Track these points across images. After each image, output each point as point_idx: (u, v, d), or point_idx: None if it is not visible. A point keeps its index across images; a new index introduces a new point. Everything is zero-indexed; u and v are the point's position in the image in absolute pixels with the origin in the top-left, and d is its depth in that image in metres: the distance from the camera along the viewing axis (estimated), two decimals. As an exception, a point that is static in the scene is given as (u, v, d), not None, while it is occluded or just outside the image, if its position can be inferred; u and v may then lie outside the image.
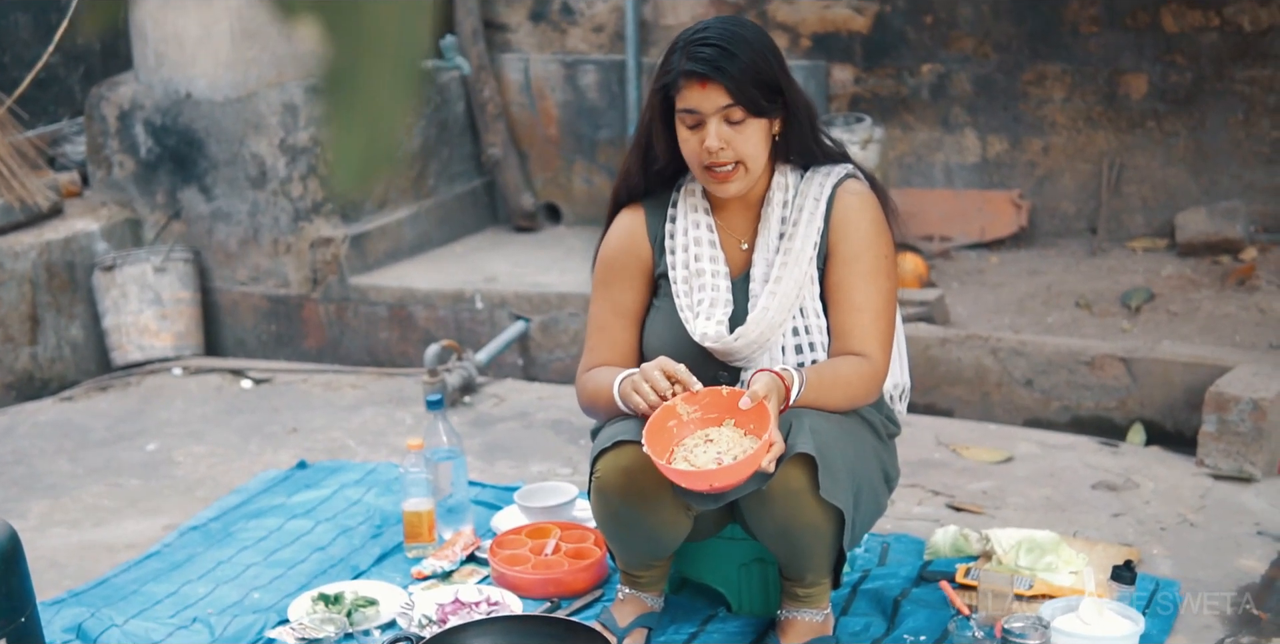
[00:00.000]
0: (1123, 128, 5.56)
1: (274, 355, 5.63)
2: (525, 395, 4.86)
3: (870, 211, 2.95)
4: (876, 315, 2.91)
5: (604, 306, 3.05)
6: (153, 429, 4.68)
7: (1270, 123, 5.37)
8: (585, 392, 2.99)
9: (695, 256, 2.95)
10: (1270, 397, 4.00)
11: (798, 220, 2.92)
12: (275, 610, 3.28)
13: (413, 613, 3.19)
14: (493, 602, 3.22)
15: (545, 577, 3.30)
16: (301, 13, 0.78)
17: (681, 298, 2.95)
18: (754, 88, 2.79)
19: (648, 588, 3.06)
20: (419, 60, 0.78)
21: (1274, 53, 5.30)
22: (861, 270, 2.91)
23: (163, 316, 5.44)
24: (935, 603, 3.21)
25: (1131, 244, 5.54)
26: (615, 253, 3.05)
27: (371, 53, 0.75)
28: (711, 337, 2.89)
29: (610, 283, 3.05)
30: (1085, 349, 4.58)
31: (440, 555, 3.48)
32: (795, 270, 2.90)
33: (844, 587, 3.24)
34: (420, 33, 0.77)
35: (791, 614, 3.00)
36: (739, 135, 2.82)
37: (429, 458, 3.56)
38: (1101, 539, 3.55)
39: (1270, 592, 3.33)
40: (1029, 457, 4.15)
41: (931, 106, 5.77)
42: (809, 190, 2.94)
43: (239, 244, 5.60)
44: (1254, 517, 3.72)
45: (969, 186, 5.76)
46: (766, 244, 2.95)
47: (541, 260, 5.79)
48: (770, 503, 2.75)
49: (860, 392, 2.89)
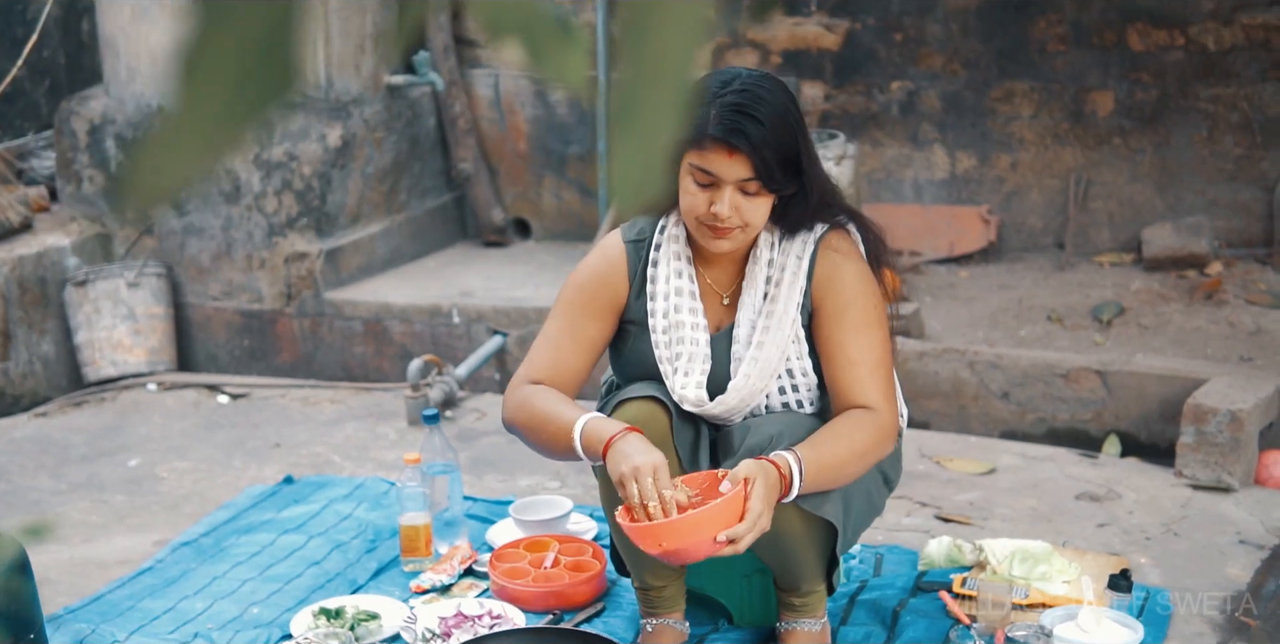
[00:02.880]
0: (1089, 144, 5.65)
1: (247, 371, 5.62)
2: (506, 410, 4.87)
3: (853, 263, 2.88)
4: (874, 366, 2.85)
5: (562, 326, 2.93)
6: (133, 445, 4.66)
7: (1233, 140, 5.48)
8: (524, 410, 2.85)
9: (675, 307, 2.89)
10: (1247, 408, 4.08)
11: (780, 281, 2.86)
12: (277, 625, 3.28)
13: (416, 627, 3.20)
14: (495, 615, 3.23)
15: (547, 589, 3.32)
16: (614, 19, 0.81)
17: (661, 349, 2.89)
18: (778, 166, 2.71)
19: (671, 609, 3.05)
20: (690, 80, 0.80)
21: (1237, 71, 5.41)
22: (850, 324, 2.86)
23: (136, 332, 5.41)
24: (933, 613, 3.26)
25: (1098, 259, 5.63)
26: (590, 281, 2.95)
27: (659, 75, 0.78)
28: (691, 401, 2.85)
29: (576, 305, 2.94)
30: (1061, 362, 4.66)
31: (438, 569, 3.49)
32: (778, 334, 2.85)
33: (842, 598, 3.28)
34: (694, 53, 0.80)
35: (790, 625, 3.03)
36: (749, 204, 2.74)
37: (425, 472, 3.57)
38: (1089, 549, 3.61)
39: (1258, 599, 3.40)
40: (1011, 468, 4.21)
41: (901, 123, 5.85)
42: (792, 248, 2.88)
43: (211, 259, 5.59)
44: (1235, 526, 3.80)
45: (938, 202, 5.84)
46: (751, 303, 2.89)
47: (515, 275, 5.82)
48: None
49: (872, 446, 2.80)
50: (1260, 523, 3.82)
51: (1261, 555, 3.63)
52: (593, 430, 2.71)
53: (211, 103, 0.67)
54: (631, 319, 2.94)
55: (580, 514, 3.76)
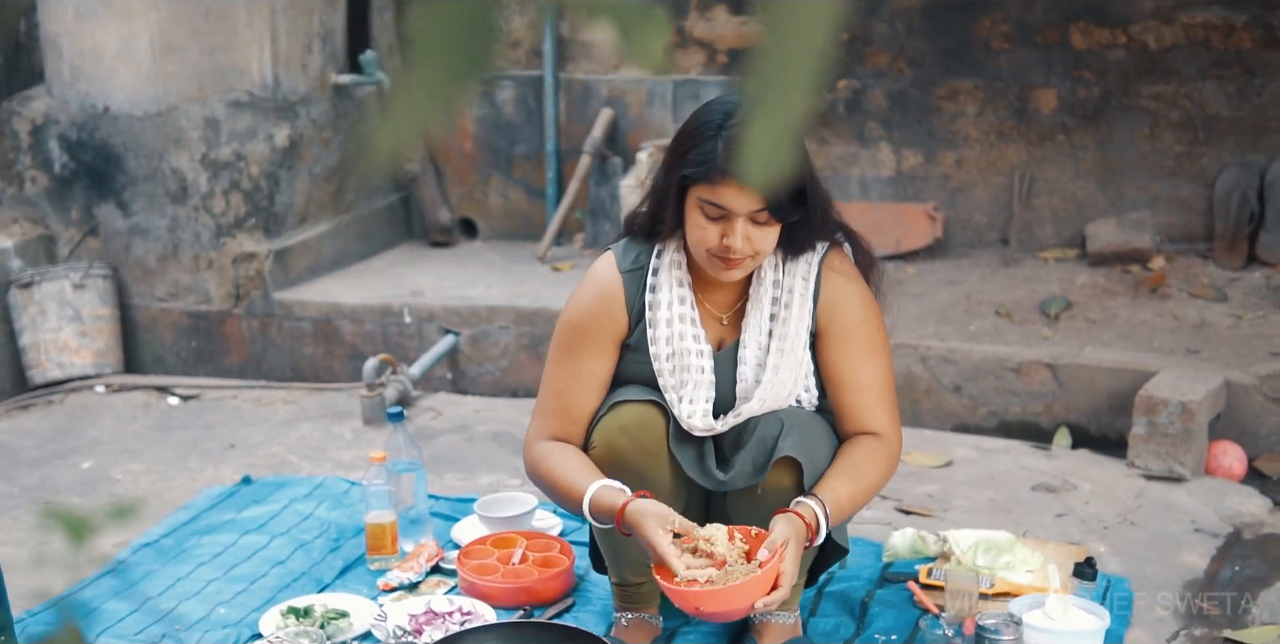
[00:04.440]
0: (1033, 141, 5.72)
1: (194, 372, 5.57)
2: (461, 408, 4.87)
3: (856, 286, 2.90)
4: (881, 391, 2.90)
5: (565, 371, 2.91)
6: (85, 447, 4.62)
7: (1174, 137, 5.56)
8: (540, 471, 2.87)
9: (680, 334, 2.88)
10: (1198, 399, 4.15)
11: (790, 303, 2.86)
12: (246, 625, 3.27)
13: (386, 624, 3.19)
14: (465, 611, 3.23)
15: (516, 585, 3.32)
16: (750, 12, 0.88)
17: (665, 376, 2.88)
18: (787, 196, 2.69)
19: (647, 604, 3.07)
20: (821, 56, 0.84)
21: (1178, 70, 5.50)
22: (857, 348, 2.88)
23: (83, 334, 5.36)
24: (901, 603, 3.29)
25: (1043, 254, 5.70)
26: (587, 319, 2.91)
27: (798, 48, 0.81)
28: (700, 428, 2.85)
29: (577, 348, 2.91)
30: (1012, 356, 4.72)
31: (405, 567, 3.49)
32: (790, 357, 2.86)
33: (809, 589, 3.31)
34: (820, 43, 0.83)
35: (764, 617, 3.05)
36: (759, 233, 2.72)
37: (390, 469, 3.57)
38: (1049, 539, 3.66)
39: (1215, 585, 3.46)
40: (967, 461, 4.26)
41: (847, 121, 5.89)
42: (797, 269, 2.87)
43: (158, 260, 5.54)
44: (1189, 515, 3.86)
45: (884, 199, 5.89)
46: (757, 324, 2.88)
47: (464, 275, 5.81)
48: (763, 502, 2.80)
49: (884, 479, 2.89)
50: (1214, 512, 3.89)
51: (1217, 543, 3.69)
52: (597, 508, 2.74)
53: (435, 71, 0.78)
54: (631, 345, 2.93)
55: (545, 511, 3.76)
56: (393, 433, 3.63)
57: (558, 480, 2.82)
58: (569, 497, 2.79)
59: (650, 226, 2.88)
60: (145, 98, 5.35)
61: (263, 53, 5.51)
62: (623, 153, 6.05)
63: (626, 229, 2.98)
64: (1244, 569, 3.54)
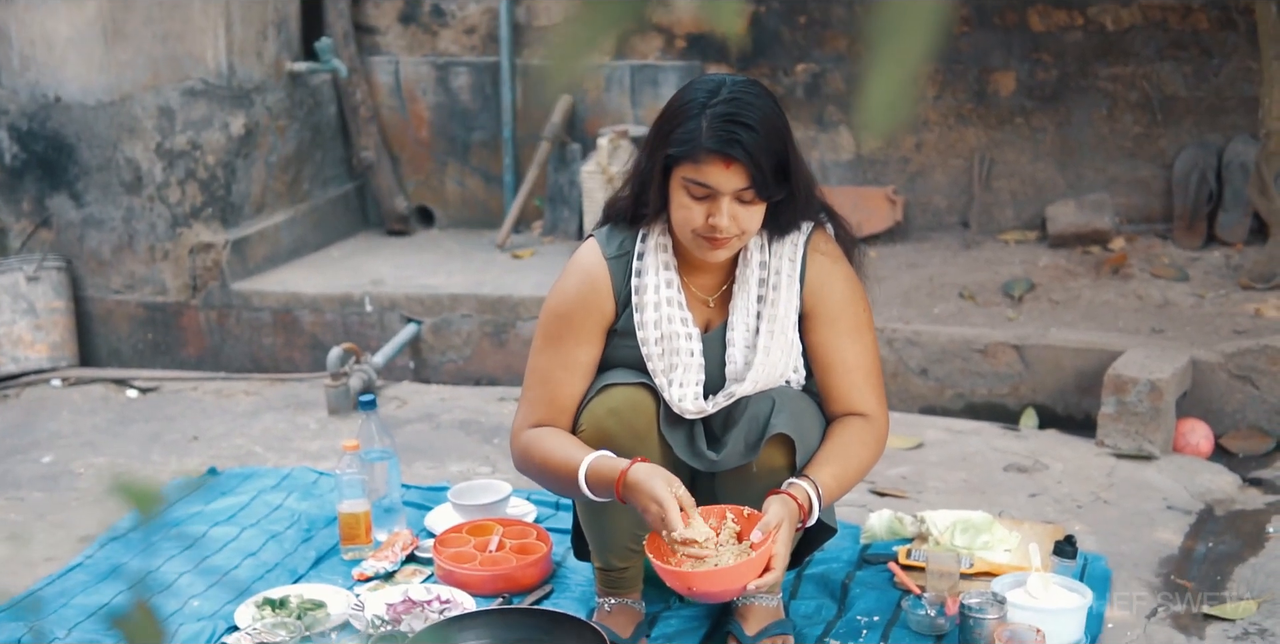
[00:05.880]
0: (992, 124, 5.73)
1: (151, 364, 5.50)
2: (426, 397, 4.83)
3: (842, 267, 2.90)
4: (868, 372, 2.90)
5: (552, 360, 2.88)
6: (44, 441, 4.54)
7: (1132, 118, 5.59)
8: (532, 455, 2.83)
9: (668, 318, 2.85)
10: (1165, 378, 4.17)
11: (778, 284, 2.85)
12: (221, 617, 3.22)
13: (363, 614, 3.16)
14: (444, 599, 3.20)
15: (494, 573, 3.29)
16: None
17: (654, 360, 2.85)
18: (771, 173, 2.67)
19: (630, 589, 3.04)
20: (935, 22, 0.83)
21: (1135, 51, 5.52)
22: (845, 329, 2.88)
23: (37, 327, 5.28)
24: (881, 584, 3.29)
25: (1003, 236, 5.72)
26: (574, 308, 2.88)
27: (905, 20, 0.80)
28: (691, 411, 2.83)
29: (563, 336, 2.88)
30: (978, 338, 4.72)
31: (380, 556, 3.45)
32: (781, 339, 2.85)
33: (788, 572, 3.29)
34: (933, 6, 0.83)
35: (748, 600, 3.03)
36: (745, 212, 2.70)
37: (362, 458, 3.53)
38: (1024, 518, 3.67)
39: (1190, 562, 3.47)
40: (938, 442, 4.26)
41: (806, 105, 5.88)
42: (783, 250, 2.86)
43: (113, 251, 5.46)
44: (1160, 492, 3.88)
45: (844, 183, 5.89)
46: (745, 306, 2.87)
47: (423, 263, 5.77)
48: (754, 481, 2.79)
49: (873, 459, 2.89)
50: (1184, 489, 3.91)
51: (1189, 520, 3.71)
52: (596, 475, 2.70)
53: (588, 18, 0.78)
54: (618, 330, 2.90)
55: (519, 498, 3.73)
56: (365, 421, 3.59)
57: (550, 459, 2.78)
58: (563, 473, 2.75)
59: (633, 210, 2.86)
60: (98, 87, 5.27)
61: (217, 40, 5.44)
62: (581, 139, 6.01)
63: (606, 215, 2.95)
64: (1217, 545, 3.56)
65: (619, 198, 2.90)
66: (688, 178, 2.70)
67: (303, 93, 5.90)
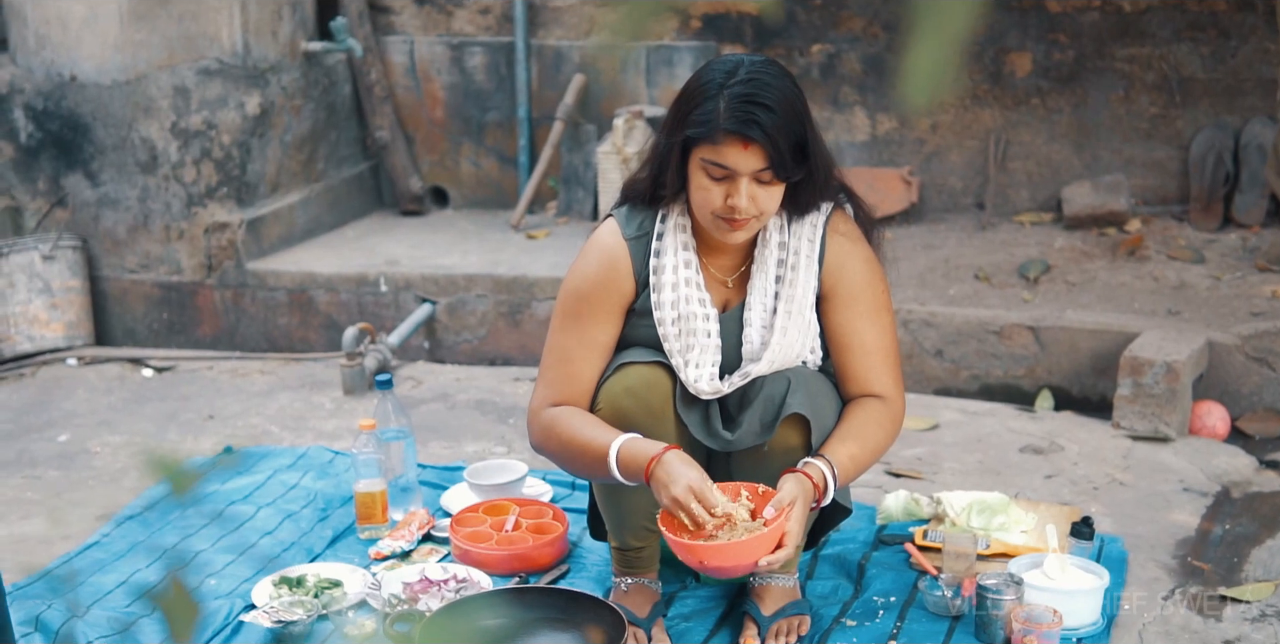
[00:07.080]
0: (1008, 105, 5.71)
1: (166, 344, 5.51)
2: (441, 377, 4.84)
3: (862, 248, 2.89)
4: (886, 354, 2.90)
5: (570, 339, 2.88)
6: (60, 420, 4.55)
7: (1149, 99, 5.56)
8: (554, 435, 2.83)
9: (686, 298, 2.85)
10: (1182, 359, 4.16)
11: (796, 265, 2.84)
12: (238, 595, 3.23)
13: (380, 593, 3.17)
14: (460, 578, 3.21)
15: (511, 552, 3.30)
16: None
17: (671, 341, 2.85)
18: (789, 154, 2.66)
19: (647, 569, 3.04)
20: None
21: (1152, 32, 5.49)
22: (863, 311, 2.88)
23: (53, 306, 5.28)
24: (898, 565, 3.29)
25: (1019, 218, 5.70)
26: (594, 286, 2.88)
27: None
28: (707, 392, 2.83)
29: (582, 315, 2.88)
30: (994, 319, 4.72)
31: (396, 536, 3.46)
32: (798, 319, 2.84)
33: (805, 553, 3.30)
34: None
35: (765, 581, 3.04)
36: (764, 193, 2.70)
37: (379, 438, 3.53)
38: (1040, 500, 3.67)
39: (1206, 544, 3.47)
40: (954, 424, 4.25)
41: (821, 86, 5.86)
42: (802, 231, 2.85)
43: (128, 231, 5.46)
44: (1177, 474, 3.87)
45: (859, 164, 5.87)
46: (763, 286, 2.86)
47: (437, 243, 5.76)
48: (768, 461, 2.79)
49: (889, 441, 2.89)
50: (1200, 471, 3.90)
51: (1206, 502, 3.71)
52: (628, 456, 2.70)
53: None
54: (636, 310, 2.90)
55: (534, 477, 3.74)
56: (381, 401, 3.59)
57: (576, 438, 2.78)
58: (590, 452, 2.75)
59: (651, 191, 2.85)
60: (113, 66, 5.26)
61: (232, 20, 5.43)
62: (595, 120, 6.00)
63: (625, 196, 2.94)
64: (1234, 527, 3.55)
65: (637, 179, 2.90)
66: (706, 159, 2.69)
67: (317, 72, 5.89)
